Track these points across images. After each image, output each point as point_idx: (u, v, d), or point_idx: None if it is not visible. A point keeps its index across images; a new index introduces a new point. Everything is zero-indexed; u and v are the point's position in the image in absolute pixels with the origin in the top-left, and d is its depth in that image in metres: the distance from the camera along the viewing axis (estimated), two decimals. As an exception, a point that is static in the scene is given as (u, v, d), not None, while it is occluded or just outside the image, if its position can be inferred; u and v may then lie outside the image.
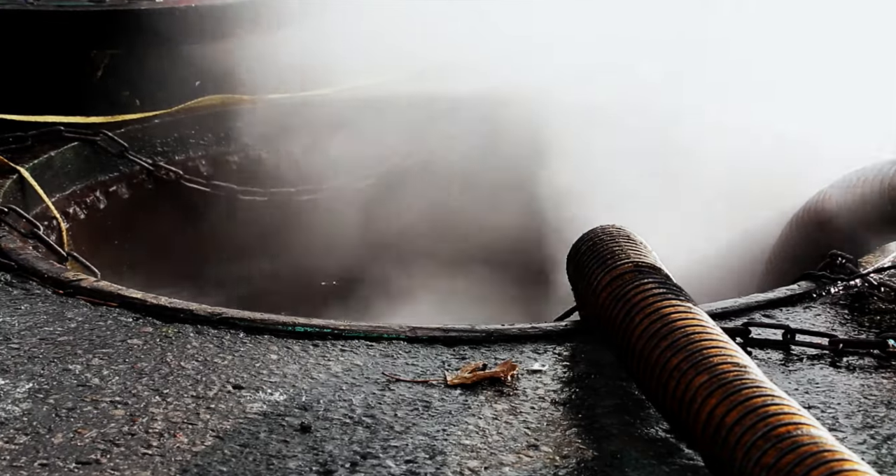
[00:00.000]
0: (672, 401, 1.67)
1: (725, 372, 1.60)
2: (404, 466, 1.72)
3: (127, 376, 2.00)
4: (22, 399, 1.91)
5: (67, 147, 3.51)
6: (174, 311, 2.27)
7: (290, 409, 1.89)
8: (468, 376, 2.01)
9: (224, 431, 1.81)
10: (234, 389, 1.96)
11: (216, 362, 2.07)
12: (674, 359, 1.69)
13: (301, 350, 2.12)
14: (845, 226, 2.81)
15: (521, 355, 2.13)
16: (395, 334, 2.19)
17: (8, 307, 2.31)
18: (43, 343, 2.14)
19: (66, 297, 2.37)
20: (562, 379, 2.03)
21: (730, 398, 1.54)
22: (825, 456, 1.38)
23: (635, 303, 1.87)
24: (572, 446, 1.79)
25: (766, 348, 2.19)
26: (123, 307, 2.31)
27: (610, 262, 2.03)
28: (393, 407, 1.91)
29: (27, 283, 2.45)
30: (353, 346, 2.15)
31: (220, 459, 1.73)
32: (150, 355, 2.09)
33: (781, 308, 2.39)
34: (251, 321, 2.23)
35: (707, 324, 1.77)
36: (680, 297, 1.85)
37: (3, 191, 3.08)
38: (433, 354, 2.13)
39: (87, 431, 1.81)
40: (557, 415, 1.90)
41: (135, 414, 1.87)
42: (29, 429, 1.81)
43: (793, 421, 1.45)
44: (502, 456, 1.76)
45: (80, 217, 3.56)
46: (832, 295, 2.47)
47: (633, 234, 2.18)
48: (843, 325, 2.31)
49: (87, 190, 3.62)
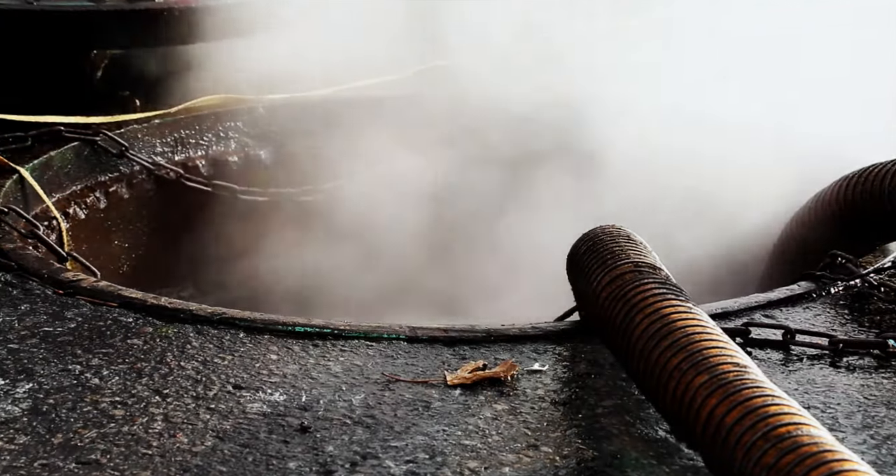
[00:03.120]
0: (672, 401, 1.67)
1: (725, 372, 1.60)
2: (404, 467, 1.72)
3: (127, 376, 2.00)
4: (22, 399, 1.91)
5: (67, 147, 3.51)
6: (174, 311, 2.27)
7: (290, 410, 1.89)
8: (468, 376, 2.01)
9: (224, 431, 1.81)
10: (234, 389, 1.96)
11: (216, 362, 2.07)
12: (674, 359, 1.69)
13: (301, 350, 2.12)
14: (845, 225, 2.82)
15: (521, 355, 2.13)
16: (395, 334, 2.19)
17: (8, 307, 2.31)
18: (43, 343, 2.13)
19: (66, 297, 2.36)
20: (562, 379, 2.03)
21: (730, 398, 1.54)
22: (825, 456, 1.38)
23: (635, 303, 1.86)
24: (572, 446, 1.79)
25: (766, 348, 2.19)
26: (123, 307, 2.31)
27: (610, 262, 2.03)
28: (393, 407, 1.91)
29: (27, 283, 2.45)
30: (353, 346, 2.15)
31: (219, 459, 1.73)
32: (150, 355, 2.09)
33: (781, 308, 2.39)
34: (251, 321, 2.23)
35: (707, 324, 1.77)
36: (680, 297, 1.85)
37: (3, 191, 3.08)
38: (433, 354, 2.13)
39: (87, 431, 1.81)
40: (557, 415, 1.90)
41: (135, 414, 1.87)
42: (29, 429, 1.81)
43: (793, 421, 1.45)
44: (502, 456, 1.76)
45: (80, 217, 3.56)
46: (832, 295, 2.46)
47: (633, 234, 2.18)
48: (843, 325, 2.31)
49: (87, 190, 3.62)
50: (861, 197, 2.71)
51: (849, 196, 2.76)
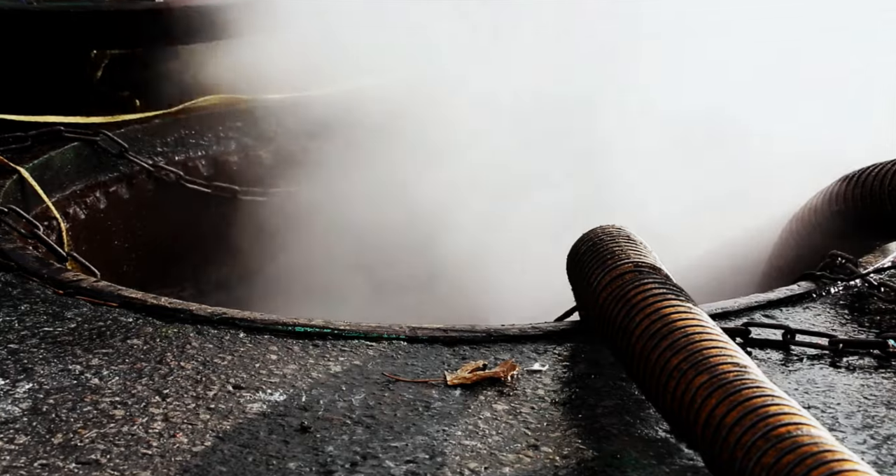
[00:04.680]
0: (672, 401, 1.67)
1: (725, 372, 1.60)
2: (404, 467, 1.72)
3: (127, 376, 2.00)
4: (22, 399, 1.91)
5: (67, 147, 3.51)
6: (174, 311, 2.27)
7: (290, 410, 1.89)
8: (468, 376, 2.01)
9: (224, 431, 1.81)
10: (234, 389, 1.96)
11: (216, 362, 2.07)
12: (674, 359, 1.69)
13: (301, 350, 2.12)
14: (845, 225, 2.82)
15: (521, 355, 2.13)
16: (395, 334, 2.19)
17: (8, 307, 2.31)
18: (43, 343, 2.13)
19: (66, 297, 2.36)
20: (562, 379, 2.03)
21: (730, 398, 1.54)
22: (825, 456, 1.38)
23: (635, 303, 1.87)
24: (572, 446, 1.79)
25: (766, 348, 2.19)
26: (123, 307, 2.31)
27: (610, 263, 2.03)
28: (393, 407, 1.91)
29: (27, 283, 2.45)
30: (353, 346, 2.15)
31: (219, 459, 1.73)
32: (150, 355, 2.09)
33: (781, 308, 2.39)
34: (251, 321, 2.23)
35: (707, 324, 1.77)
36: (680, 298, 1.85)
37: (3, 191, 3.08)
38: (433, 354, 2.13)
39: (87, 431, 1.81)
40: (557, 415, 1.90)
41: (135, 414, 1.87)
42: (29, 429, 1.81)
43: (793, 421, 1.45)
44: (502, 456, 1.76)
45: (80, 217, 3.56)
46: (832, 295, 2.47)
47: (633, 234, 2.18)
48: (843, 325, 2.31)
49: (87, 190, 3.62)
50: (861, 197, 2.71)
51: (849, 196, 2.76)
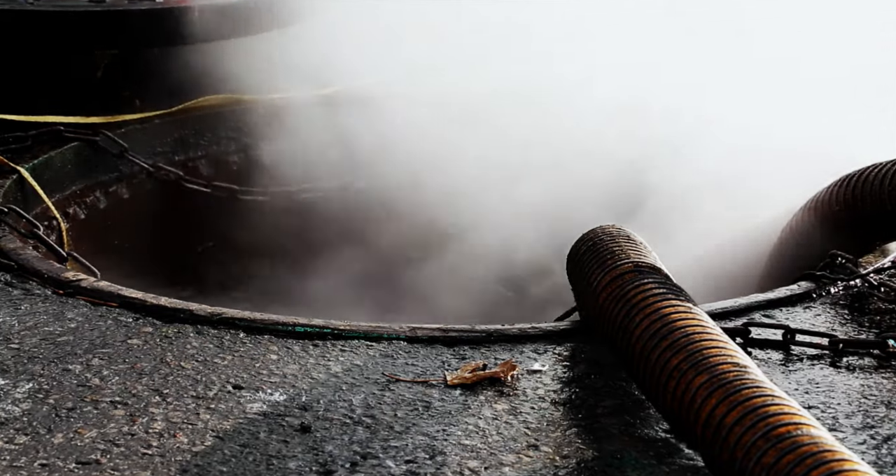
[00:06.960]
0: (672, 401, 1.67)
1: (725, 372, 1.60)
2: (404, 467, 1.72)
3: (127, 376, 2.00)
4: (22, 399, 1.91)
5: (67, 147, 3.51)
6: (174, 311, 2.27)
7: (290, 410, 1.89)
8: (468, 376, 2.01)
9: (224, 431, 1.81)
10: (234, 389, 1.96)
11: (216, 362, 2.07)
12: (674, 359, 1.69)
13: (301, 350, 2.12)
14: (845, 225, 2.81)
15: (521, 355, 2.13)
16: (395, 334, 2.19)
17: (8, 307, 2.31)
18: (43, 343, 2.14)
19: (66, 297, 2.36)
20: (562, 379, 2.03)
21: (730, 398, 1.54)
22: (825, 456, 1.38)
23: (635, 303, 1.87)
24: (572, 446, 1.79)
25: (766, 348, 2.19)
26: (123, 307, 2.31)
27: (610, 263, 2.03)
28: (393, 407, 1.91)
29: (27, 283, 2.45)
30: (353, 347, 2.15)
31: (220, 459, 1.73)
32: (150, 355, 2.09)
33: (781, 308, 2.39)
34: (251, 321, 2.23)
35: (707, 324, 1.77)
36: (680, 297, 1.85)
37: (3, 191, 3.08)
38: (433, 354, 2.13)
39: (87, 431, 1.81)
40: (557, 415, 1.90)
41: (135, 414, 1.87)
42: (29, 429, 1.81)
43: (793, 421, 1.45)
44: (502, 456, 1.76)
45: (80, 217, 3.56)
46: (832, 295, 2.46)
47: (632, 234, 2.18)
48: (843, 325, 2.31)
49: (87, 190, 3.62)
50: (861, 197, 2.71)
51: (849, 196, 2.76)
